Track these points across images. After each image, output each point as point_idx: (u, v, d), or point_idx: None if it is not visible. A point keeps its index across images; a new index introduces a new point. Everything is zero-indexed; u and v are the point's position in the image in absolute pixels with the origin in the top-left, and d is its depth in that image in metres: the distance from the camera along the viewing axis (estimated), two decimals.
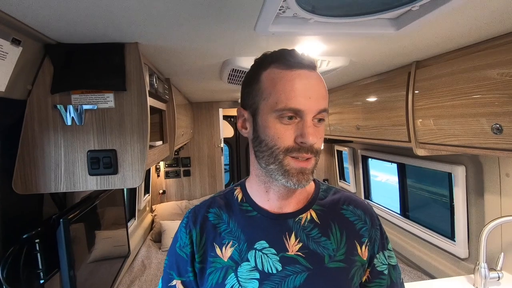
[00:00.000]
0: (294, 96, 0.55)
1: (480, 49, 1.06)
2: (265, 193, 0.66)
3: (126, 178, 0.99)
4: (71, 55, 0.93)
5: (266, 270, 0.61)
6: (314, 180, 0.73)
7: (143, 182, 2.93)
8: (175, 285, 0.68)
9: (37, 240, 0.98)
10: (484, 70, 1.03)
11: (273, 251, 0.62)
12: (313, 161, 0.59)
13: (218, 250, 0.65)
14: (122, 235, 1.73)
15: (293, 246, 0.62)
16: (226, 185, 4.51)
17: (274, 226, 0.64)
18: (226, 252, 0.64)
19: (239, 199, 0.70)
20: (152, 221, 3.36)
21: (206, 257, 0.65)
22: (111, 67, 0.96)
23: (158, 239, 3.11)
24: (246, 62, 1.27)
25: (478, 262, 1.27)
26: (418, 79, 1.35)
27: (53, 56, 0.92)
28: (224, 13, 0.76)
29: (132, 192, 2.72)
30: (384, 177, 7.45)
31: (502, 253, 1.27)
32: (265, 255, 0.62)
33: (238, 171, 5.03)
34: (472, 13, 0.80)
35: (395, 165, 2.37)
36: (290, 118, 0.56)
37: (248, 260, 0.62)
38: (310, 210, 0.67)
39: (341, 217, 0.67)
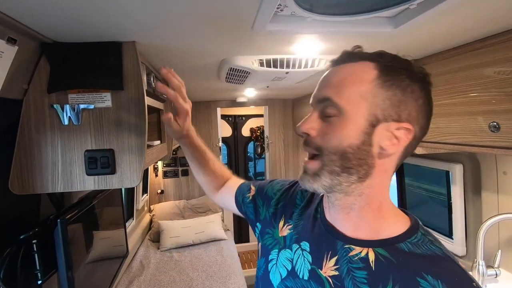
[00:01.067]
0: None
1: (477, 47, 1.06)
2: (326, 199, 0.63)
3: (124, 178, 0.99)
4: (67, 54, 0.92)
5: (296, 269, 0.61)
6: (411, 219, 0.58)
7: (141, 182, 2.93)
8: (251, 189, 0.86)
9: (34, 241, 0.98)
10: (481, 69, 1.04)
11: (310, 259, 0.59)
12: (318, 162, 0.53)
13: (281, 223, 0.71)
14: (120, 235, 1.72)
15: (328, 268, 0.56)
16: None
17: (323, 238, 0.59)
18: (284, 230, 0.69)
19: (319, 197, 0.69)
20: (151, 221, 3.36)
21: (274, 217, 0.74)
22: (108, 66, 0.95)
23: (156, 239, 3.10)
24: (244, 61, 1.26)
25: (476, 259, 1.28)
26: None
27: (50, 55, 0.91)
28: (222, 11, 0.76)
29: (130, 192, 2.72)
30: None
31: (500, 251, 1.28)
32: (303, 257, 0.62)
33: (236, 170, 5.03)
34: (470, 11, 0.80)
35: None
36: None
37: (291, 249, 0.65)
38: (370, 248, 0.53)
39: (414, 285, 0.48)
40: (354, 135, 0.51)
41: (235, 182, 0.97)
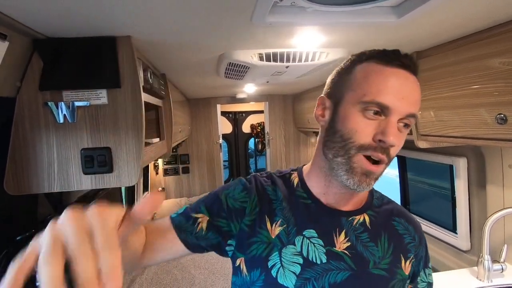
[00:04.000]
0: (386, 92, 0.53)
1: (482, 37, 1.03)
2: (323, 185, 0.66)
3: (121, 176, 0.96)
4: (60, 51, 0.90)
5: (310, 258, 0.61)
6: None
7: (142, 180, 2.91)
8: (199, 218, 0.65)
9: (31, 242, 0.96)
10: (485, 60, 1.01)
11: (321, 242, 0.62)
12: (383, 167, 0.58)
13: (268, 224, 0.65)
14: None
15: (341, 243, 0.62)
16: (226, 182, 4.49)
17: (326, 219, 0.65)
18: (275, 229, 0.64)
19: (295, 184, 0.70)
20: (152, 219, 3.35)
21: (255, 225, 0.65)
22: (103, 63, 0.93)
23: None
24: (243, 56, 1.23)
25: (481, 254, 1.26)
26: (419, 70, 1.32)
27: (42, 52, 0.89)
28: (220, 3, 0.73)
29: (131, 190, 2.70)
30: None
31: (505, 245, 1.26)
32: (312, 244, 0.62)
33: (237, 167, 5.02)
34: (474, 0, 0.77)
35: (395, 158, 2.35)
36: (376, 113, 0.54)
37: (294, 244, 0.62)
38: (365, 213, 0.67)
39: (392, 228, 0.68)
40: None
41: (162, 227, 0.66)
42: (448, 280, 1.33)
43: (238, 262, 0.65)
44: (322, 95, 0.66)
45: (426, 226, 1.94)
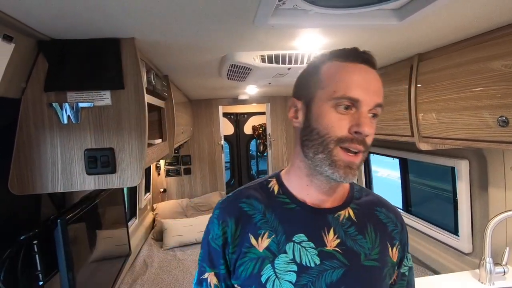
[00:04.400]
0: (353, 86, 0.57)
1: (484, 40, 1.03)
2: (305, 186, 0.66)
3: (124, 177, 0.97)
4: (65, 52, 0.91)
5: (304, 263, 0.61)
6: None
7: (144, 181, 2.92)
8: (207, 278, 0.68)
9: (35, 242, 0.97)
10: (488, 62, 1.01)
11: (312, 245, 0.62)
12: (361, 156, 0.60)
13: (253, 241, 0.63)
14: (123, 235, 1.71)
15: (331, 241, 0.63)
16: (227, 183, 4.50)
17: (314, 220, 0.65)
18: (262, 243, 0.63)
19: (276, 191, 0.69)
20: (153, 220, 3.35)
21: (241, 248, 0.64)
22: (107, 64, 0.94)
23: (159, 237, 3.10)
24: (246, 57, 1.24)
25: (483, 257, 1.25)
26: (421, 72, 1.33)
27: (47, 53, 0.90)
28: (223, 5, 0.74)
29: (133, 190, 2.71)
30: (384, 172, 7.43)
31: (508, 248, 1.25)
32: (304, 249, 0.62)
33: (238, 168, 5.02)
34: (477, 3, 0.77)
35: (396, 160, 2.35)
36: (347, 108, 0.57)
37: (285, 252, 0.62)
38: (348, 208, 0.68)
39: (376, 218, 0.69)
40: None
41: None
42: (449, 282, 1.32)
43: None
44: (292, 97, 0.67)
45: (428, 228, 1.93)
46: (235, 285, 0.66)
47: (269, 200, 0.67)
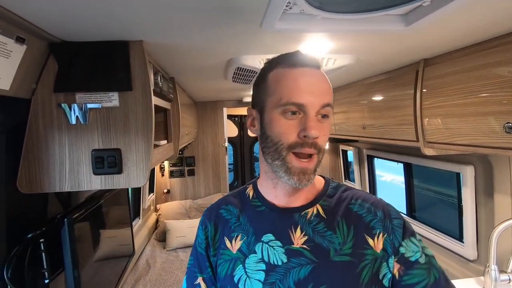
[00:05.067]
0: (297, 92, 0.58)
1: (490, 46, 1.03)
2: (272, 189, 0.68)
3: (130, 177, 0.98)
4: (75, 54, 0.93)
5: (272, 262, 0.63)
6: (324, 178, 0.75)
7: (148, 182, 2.94)
8: (199, 283, 0.71)
9: (41, 240, 0.98)
10: (494, 68, 1.01)
11: (279, 243, 0.64)
12: (315, 159, 0.61)
13: (228, 243, 0.68)
14: (127, 235, 1.73)
15: (298, 239, 0.64)
16: (230, 185, 4.51)
17: (281, 220, 0.67)
18: (235, 245, 0.67)
19: (251, 196, 0.73)
20: (157, 221, 3.37)
21: (219, 250, 0.69)
22: (116, 66, 0.95)
23: (162, 238, 3.11)
24: (252, 61, 1.25)
25: (488, 264, 1.24)
26: (427, 77, 1.33)
27: (57, 55, 0.92)
28: (231, 9, 0.75)
29: (137, 191, 2.73)
30: (389, 177, 7.38)
31: None
32: (271, 248, 0.64)
33: (242, 170, 5.02)
34: (484, 9, 0.77)
35: (401, 165, 2.34)
36: (294, 113, 0.59)
37: (255, 252, 0.65)
38: (317, 205, 0.68)
39: (349, 212, 0.67)
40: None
41: None
42: None
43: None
44: (250, 107, 0.70)
45: (432, 234, 1.91)
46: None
47: (243, 205, 0.72)
